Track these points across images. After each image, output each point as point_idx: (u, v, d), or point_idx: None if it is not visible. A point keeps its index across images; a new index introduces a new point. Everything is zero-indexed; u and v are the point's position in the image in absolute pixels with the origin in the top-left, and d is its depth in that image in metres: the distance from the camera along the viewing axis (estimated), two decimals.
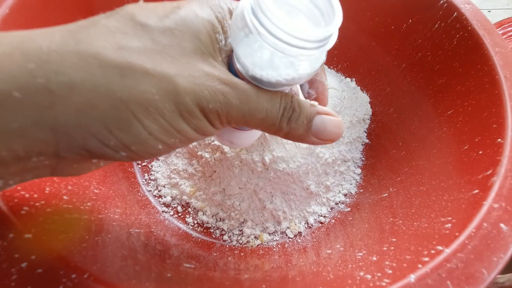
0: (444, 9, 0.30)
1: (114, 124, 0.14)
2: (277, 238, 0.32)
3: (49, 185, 0.23)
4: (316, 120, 0.17)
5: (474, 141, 0.25)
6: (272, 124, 0.17)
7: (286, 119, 0.17)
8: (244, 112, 0.16)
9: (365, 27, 0.38)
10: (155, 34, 0.14)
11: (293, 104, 0.17)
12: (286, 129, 0.17)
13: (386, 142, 0.36)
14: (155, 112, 0.14)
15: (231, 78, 0.16)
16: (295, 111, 0.17)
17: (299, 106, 0.17)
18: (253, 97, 0.16)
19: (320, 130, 0.17)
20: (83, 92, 0.13)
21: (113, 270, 0.19)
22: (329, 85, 0.38)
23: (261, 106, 0.16)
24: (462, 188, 0.23)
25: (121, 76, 0.13)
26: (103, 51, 0.13)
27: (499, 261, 0.18)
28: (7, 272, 0.16)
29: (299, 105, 0.17)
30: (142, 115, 0.14)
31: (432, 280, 0.18)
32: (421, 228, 0.23)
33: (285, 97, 0.17)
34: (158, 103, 0.14)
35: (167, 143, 0.15)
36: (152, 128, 0.14)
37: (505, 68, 0.25)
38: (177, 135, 0.15)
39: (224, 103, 0.15)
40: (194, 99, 0.14)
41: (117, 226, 0.25)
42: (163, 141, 0.15)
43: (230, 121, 0.16)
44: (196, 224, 0.33)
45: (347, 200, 0.34)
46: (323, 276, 0.22)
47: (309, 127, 0.17)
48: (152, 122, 0.14)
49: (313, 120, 0.17)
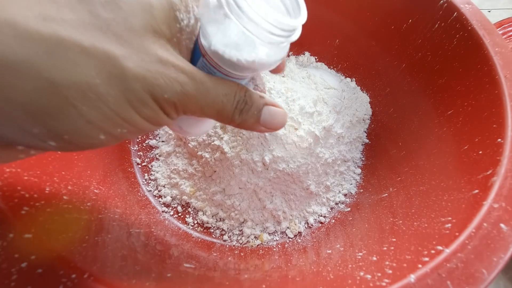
0: (444, 9, 0.30)
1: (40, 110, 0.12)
2: (277, 238, 0.32)
3: (49, 185, 0.23)
4: (264, 111, 0.18)
5: (474, 141, 0.25)
6: (226, 116, 0.17)
7: (239, 111, 0.17)
8: (202, 104, 0.15)
9: (365, 27, 0.38)
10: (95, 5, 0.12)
11: (246, 97, 0.17)
12: (238, 120, 0.17)
13: (386, 142, 0.36)
14: (96, 99, 0.12)
15: (189, 66, 0.15)
16: (247, 104, 0.17)
17: (250, 99, 0.17)
18: (211, 90, 0.15)
19: (268, 120, 0.18)
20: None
21: (113, 270, 0.19)
22: (329, 85, 0.38)
23: (218, 99, 0.16)
24: (462, 188, 0.23)
25: (48, 53, 0.11)
26: (23, 20, 0.11)
27: (499, 261, 0.18)
28: (7, 272, 0.16)
29: (251, 98, 0.17)
30: (79, 101, 0.12)
31: (432, 280, 0.18)
32: (421, 228, 0.23)
33: (239, 91, 0.17)
34: (99, 89, 0.12)
35: (112, 134, 0.14)
36: (92, 116, 0.12)
37: (505, 68, 0.25)
38: (125, 125, 0.14)
39: (181, 94, 0.14)
40: (146, 87, 0.13)
41: (117, 226, 0.25)
42: (106, 131, 0.13)
43: (186, 111, 0.15)
44: (196, 224, 0.33)
45: (347, 200, 0.34)
46: (323, 276, 0.22)
47: (259, 117, 0.18)
48: (92, 109, 0.12)
49: (262, 111, 0.18)
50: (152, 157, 0.37)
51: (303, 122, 0.31)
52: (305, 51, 0.45)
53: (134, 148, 0.37)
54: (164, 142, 0.37)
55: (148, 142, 0.38)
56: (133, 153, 0.36)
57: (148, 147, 0.38)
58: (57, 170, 0.25)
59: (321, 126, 0.32)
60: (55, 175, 0.24)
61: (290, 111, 0.31)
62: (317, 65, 0.43)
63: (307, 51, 0.45)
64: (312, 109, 0.32)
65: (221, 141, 0.31)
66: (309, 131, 0.31)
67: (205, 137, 0.32)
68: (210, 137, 0.32)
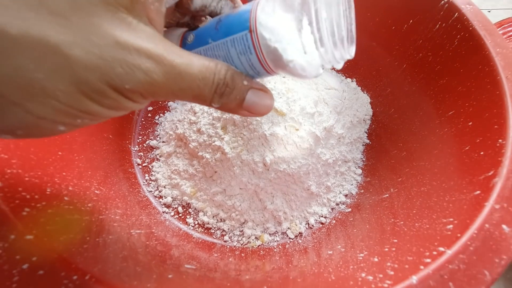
0: (445, 10, 0.30)
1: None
2: (278, 238, 0.32)
3: (50, 186, 0.23)
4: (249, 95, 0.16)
5: (476, 142, 0.25)
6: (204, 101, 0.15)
7: (219, 96, 0.15)
8: (174, 90, 0.13)
9: (366, 28, 0.38)
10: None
11: (227, 79, 0.15)
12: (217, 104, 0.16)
13: (387, 142, 0.36)
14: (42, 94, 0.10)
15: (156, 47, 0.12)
16: (228, 87, 0.15)
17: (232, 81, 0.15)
18: (185, 74, 0.13)
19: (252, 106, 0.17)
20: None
21: (114, 271, 0.19)
22: (330, 85, 0.38)
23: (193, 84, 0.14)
24: (463, 189, 0.23)
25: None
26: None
27: (501, 262, 0.18)
28: (9, 274, 0.16)
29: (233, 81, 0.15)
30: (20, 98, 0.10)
31: (434, 282, 0.18)
32: (422, 229, 0.23)
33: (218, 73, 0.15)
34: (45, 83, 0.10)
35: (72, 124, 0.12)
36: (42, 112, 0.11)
37: (507, 68, 0.25)
38: (85, 115, 0.12)
39: (146, 83, 0.12)
40: (102, 78, 0.11)
41: (118, 227, 0.25)
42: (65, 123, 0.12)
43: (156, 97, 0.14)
44: (196, 224, 0.33)
45: (348, 201, 0.34)
46: (324, 277, 0.22)
47: (241, 101, 0.16)
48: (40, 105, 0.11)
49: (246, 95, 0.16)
50: (153, 157, 0.37)
51: (303, 122, 0.31)
52: None
53: (135, 148, 0.37)
54: (165, 143, 0.37)
55: (149, 142, 0.38)
56: (134, 153, 0.36)
57: (149, 148, 0.37)
58: (58, 171, 0.25)
59: (321, 127, 0.32)
60: (56, 176, 0.24)
61: (291, 112, 0.31)
62: None
63: None
64: (312, 109, 0.32)
65: (221, 142, 0.31)
66: (309, 131, 0.31)
67: (206, 137, 0.32)
68: (210, 138, 0.32)
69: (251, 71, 0.17)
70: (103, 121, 0.14)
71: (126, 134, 0.37)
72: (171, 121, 0.38)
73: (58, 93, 0.11)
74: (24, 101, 0.10)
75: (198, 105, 0.36)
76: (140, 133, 0.38)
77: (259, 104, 0.17)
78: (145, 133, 0.39)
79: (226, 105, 0.16)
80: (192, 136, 0.34)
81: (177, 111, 0.39)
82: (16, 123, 0.11)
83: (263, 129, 0.30)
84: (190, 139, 0.34)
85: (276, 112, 0.31)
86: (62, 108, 0.11)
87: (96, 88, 0.11)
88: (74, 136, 0.29)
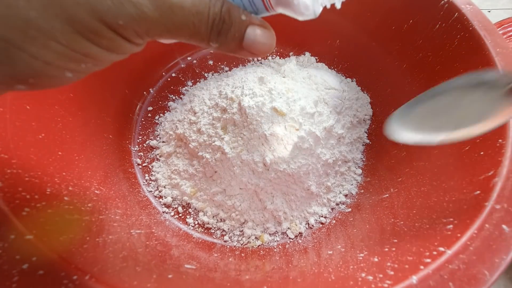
0: (445, 10, 0.30)
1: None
2: (278, 238, 0.32)
3: (50, 186, 0.23)
4: (248, 32, 0.15)
5: (475, 141, 0.25)
6: (202, 40, 0.15)
7: (216, 33, 0.14)
8: (168, 27, 0.13)
9: (366, 28, 0.38)
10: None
11: (223, 14, 0.14)
12: (216, 44, 0.15)
13: (387, 142, 0.36)
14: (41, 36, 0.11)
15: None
16: (226, 23, 0.14)
17: (229, 16, 0.14)
18: (176, 8, 0.13)
19: (252, 44, 0.15)
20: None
21: (114, 271, 0.19)
22: (330, 85, 0.38)
23: (187, 20, 0.13)
24: (463, 189, 0.23)
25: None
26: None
27: (501, 263, 0.18)
28: (9, 274, 0.16)
29: (230, 15, 0.14)
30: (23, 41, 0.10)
31: (434, 282, 0.18)
32: (422, 229, 0.23)
33: (213, 6, 0.14)
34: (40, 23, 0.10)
35: (77, 70, 0.12)
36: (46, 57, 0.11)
37: (507, 69, 0.25)
38: (88, 59, 0.12)
39: (138, 18, 0.12)
40: (93, 13, 0.11)
41: (118, 227, 0.25)
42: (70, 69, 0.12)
43: (152, 36, 0.13)
44: (196, 224, 0.33)
45: (348, 201, 0.34)
46: (324, 277, 0.22)
47: (241, 40, 0.15)
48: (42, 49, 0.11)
49: (246, 32, 0.15)
50: (153, 157, 0.37)
51: (303, 122, 0.31)
52: (306, 52, 0.45)
53: (135, 148, 0.37)
54: (165, 143, 0.37)
55: (149, 142, 0.38)
56: (134, 153, 0.36)
57: (149, 148, 0.38)
58: (58, 171, 0.25)
59: (321, 127, 0.32)
60: (56, 176, 0.24)
61: (291, 112, 0.31)
62: (318, 65, 0.43)
63: (308, 51, 0.45)
64: (312, 109, 0.32)
65: (221, 142, 0.31)
66: (309, 131, 0.31)
67: (206, 137, 0.32)
68: (210, 138, 0.32)
69: (249, 7, 0.16)
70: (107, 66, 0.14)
71: (126, 134, 0.37)
72: (171, 121, 0.38)
73: (56, 33, 0.11)
74: (27, 44, 0.11)
75: (198, 105, 0.36)
76: (140, 133, 0.38)
77: (260, 42, 0.16)
78: (145, 133, 0.39)
79: (225, 45, 0.15)
80: (192, 136, 0.34)
81: (177, 111, 0.39)
82: (25, 69, 0.11)
83: (263, 129, 0.30)
84: (190, 139, 0.34)
85: (276, 112, 0.31)
86: (63, 51, 0.11)
87: (90, 26, 0.11)
88: (74, 136, 0.29)
